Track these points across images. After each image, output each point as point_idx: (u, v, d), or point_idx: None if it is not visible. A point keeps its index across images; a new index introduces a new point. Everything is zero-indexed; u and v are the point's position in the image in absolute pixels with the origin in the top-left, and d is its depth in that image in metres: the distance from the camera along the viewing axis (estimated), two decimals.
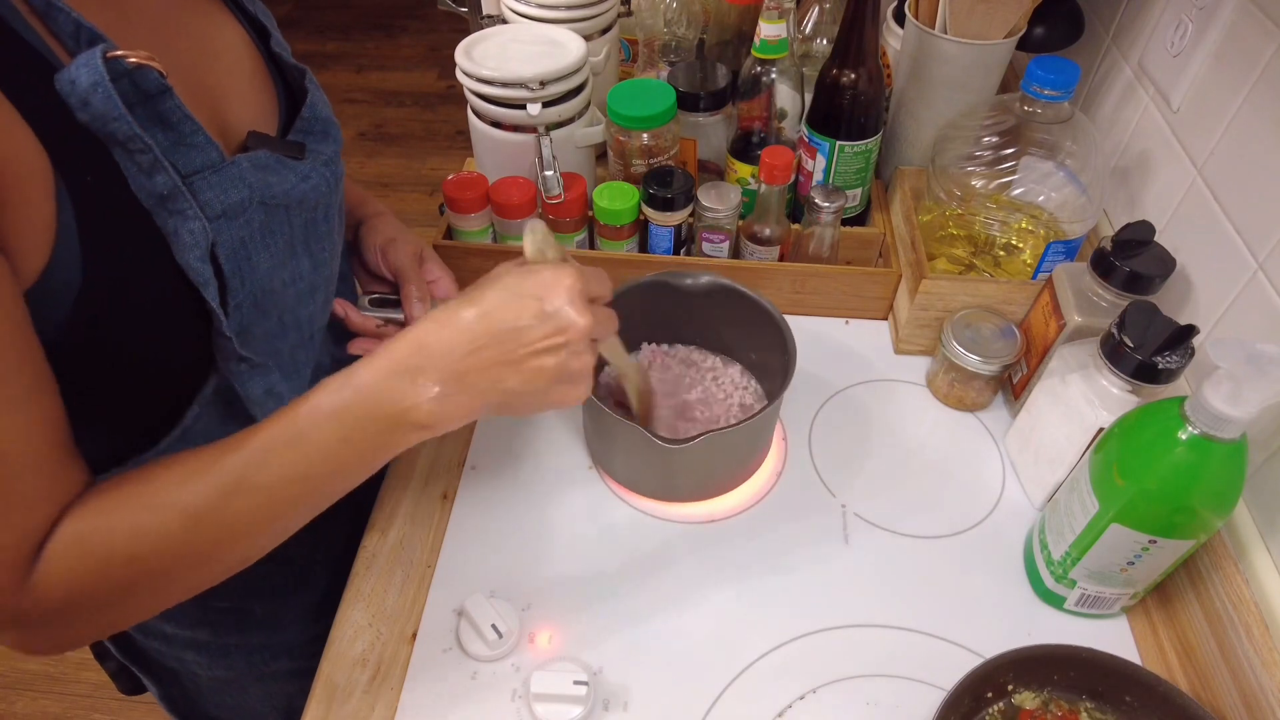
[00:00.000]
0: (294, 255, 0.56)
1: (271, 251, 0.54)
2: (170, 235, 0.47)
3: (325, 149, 0.58)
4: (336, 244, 0.63)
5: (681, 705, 0.60)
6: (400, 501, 0.72)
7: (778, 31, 0.80)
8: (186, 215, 0.47)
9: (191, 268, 0.48)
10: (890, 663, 0.63)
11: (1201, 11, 0.71)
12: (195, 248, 0.48)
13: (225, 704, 0.83)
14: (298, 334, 0.60)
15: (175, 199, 0.47)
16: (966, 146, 0.79)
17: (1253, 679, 0.57)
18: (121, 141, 0.44)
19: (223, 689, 0.81)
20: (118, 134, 0.44)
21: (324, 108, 0.60)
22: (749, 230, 0.85)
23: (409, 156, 2.64)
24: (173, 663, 0.76)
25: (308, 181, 0.55)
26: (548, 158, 0.80)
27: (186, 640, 0.73)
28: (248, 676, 0.78)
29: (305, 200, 0.55)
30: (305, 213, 0.56)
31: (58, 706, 1.49)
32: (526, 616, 0.64)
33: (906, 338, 0.84)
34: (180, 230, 0.47)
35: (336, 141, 0.60)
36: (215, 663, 0.75)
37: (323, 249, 0.60)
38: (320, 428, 0.47)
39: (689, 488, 0.72)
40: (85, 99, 0.42)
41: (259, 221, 0.52)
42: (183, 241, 0.47)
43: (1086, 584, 0.63)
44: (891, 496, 0.73)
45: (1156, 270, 0.67)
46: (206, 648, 0.74)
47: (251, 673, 0.78)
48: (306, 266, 0.58)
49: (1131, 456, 0.57)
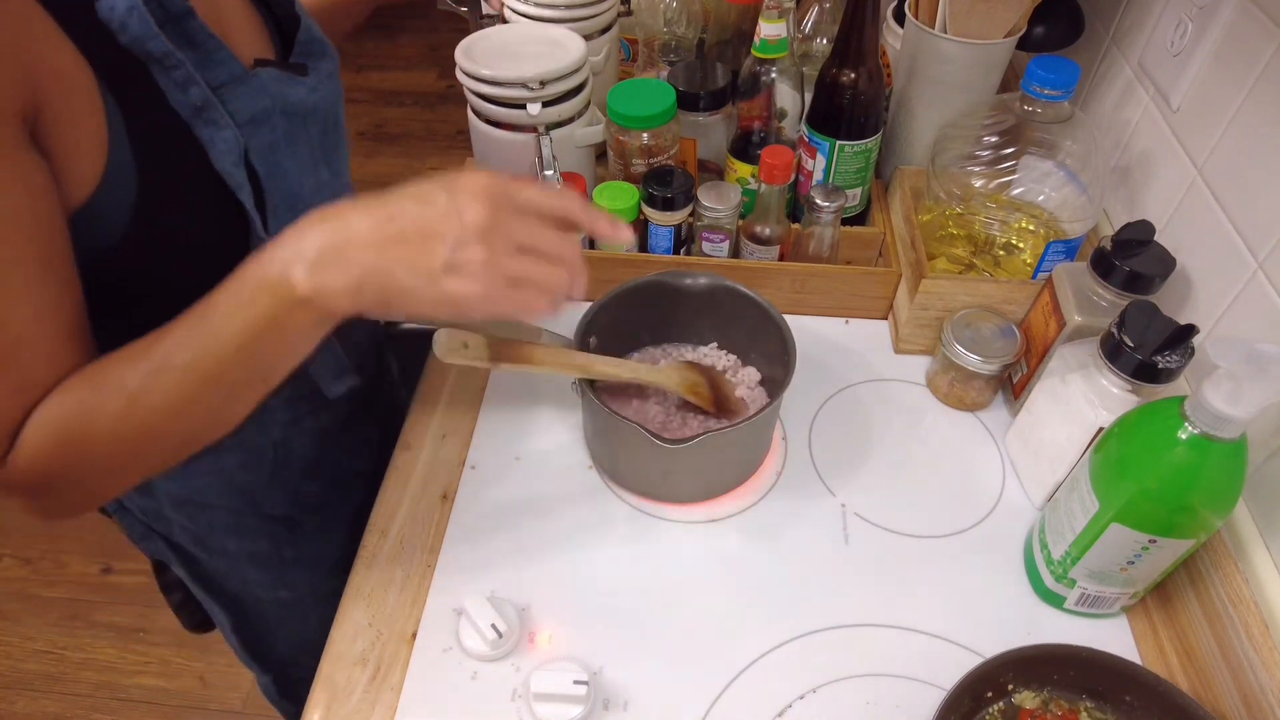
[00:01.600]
0: (315, 164, 0.63)
1: (297, 159, 0.60)
2: (207, 144, 0.53)
3: (325, 65, 0.64)
4: (347, 157, 0.70)
5: (681, 705, 0.60)
6: (400, 501, 0.72)
7: (778, 31, 0.80)
8: (220, 125, 0.53)
9: (227, 173, 0.54)
10: (890, 662, 0.63)
11: (1202, 11, 0.71)
12: (230, 154, 0.54)
13: (290, 636, 0.90)
14: None
15: (208, 110, 0.52)
16: (966, 146, 0.79)
17: (1252, 678, 0.57)
18: (158, 58, 0.49)
19: (286, 616, 0.87)
20: (154, 52, 0.49)
21: (316, 29, 0.66)
22: (749, 230, 0.85)
23: (409, 156, 2.64)
24: (237, 586, 0.83)
25: (317, 93, 0.62)
26: (548, 157, 0.80)
27: (249, 555, 0.79)
28: (307, 599, 0.85)
29: (318, 110, 0.62)
30: (319, 123, 0.63)
31: (58, 706, 1.49)
32: (526, 616, 0.64)
33: (906, 337, 0.84)
34: (215, 139, 0.53)
35: (333, 58, 0.66)
36: (278, 582, 0.83)
37: (337, 159, 0.67)
38: (220, 304, 0.47)
39: (689, 488, 0.72)
40: (124, 23, 0.48)
41: (283, 129, 0.58)
42: (218, 149, 0.53)
43: (1086, 583, 0.63)
44: (891, 496, 0.73)
45: (1156, 270, 0.67)
46: (268, 563, 0.80)
47: (311, 593, 0.85)
48: (326, 175, 0.65)
49: (1131, 456, 0.57)
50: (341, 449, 0.81)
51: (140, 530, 0.77)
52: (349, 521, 0.83)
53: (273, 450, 0.73)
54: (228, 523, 0.76)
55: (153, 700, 1.50)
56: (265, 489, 0.75)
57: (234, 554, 0.79)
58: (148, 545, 0.79)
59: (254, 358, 0.48)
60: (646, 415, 0.75)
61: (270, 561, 0.81)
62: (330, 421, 0.78)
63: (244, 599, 0.85)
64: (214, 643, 1.56)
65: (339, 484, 0.82)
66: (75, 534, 1.73)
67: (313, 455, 0.78)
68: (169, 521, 0.75)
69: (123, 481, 0.53)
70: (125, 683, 1.52)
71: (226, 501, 0.74)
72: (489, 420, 0.79)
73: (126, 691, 1.51)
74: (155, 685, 1.52)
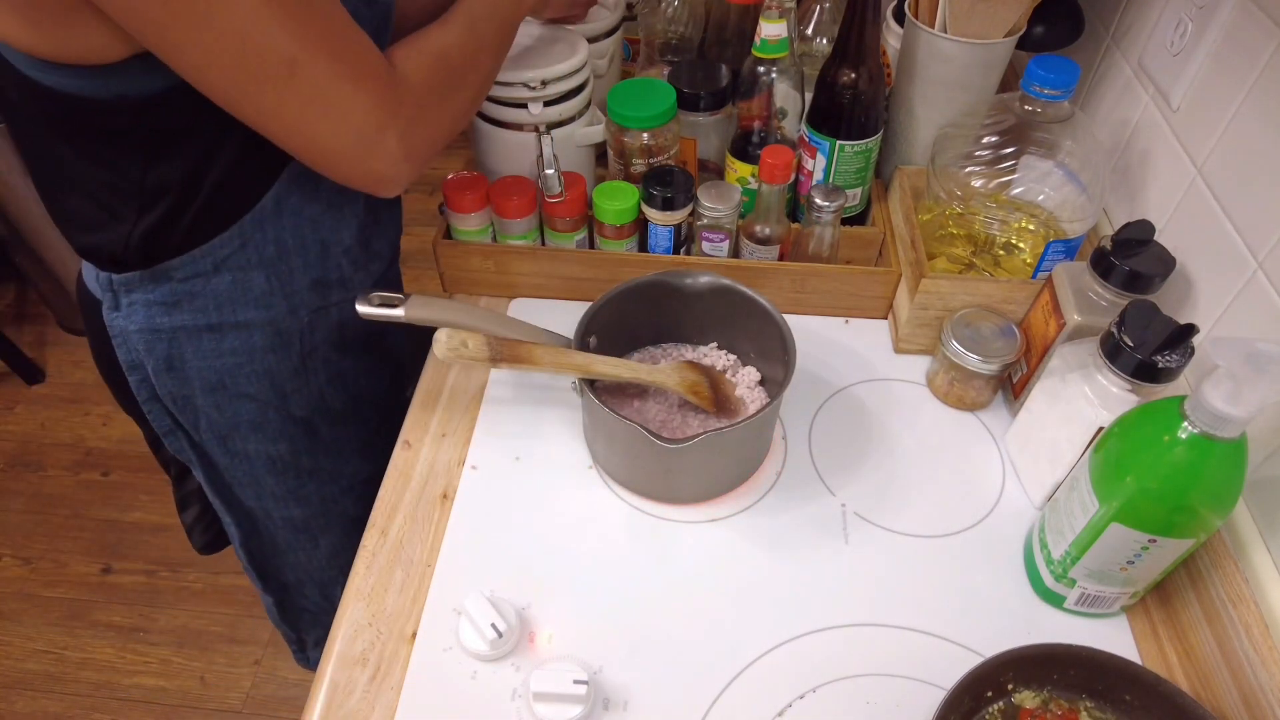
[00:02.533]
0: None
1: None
2: None
3: None
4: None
5: (681, 705, 0.60)
6: (400, 501, 0.72)
7: (778, 31, 0.80)
8: None
9: None
10: (890, 662, 0.63)
11: (1201, 10, 0.71)
12: None
13: (298, 561, 0.94)
14: None
15: None
16: (966, 146, 0.79)
17: (1252, 677, 0.57)
18: None
19: (296, 538, 0.91)
20: None
21: None
22: (749, 230, 0.85)
23: None
24: (251, 499, 0.86)
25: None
26: (549, 156, 0.80)
27: (267, 459, 0.82)
28: (317, 520, 0.90)
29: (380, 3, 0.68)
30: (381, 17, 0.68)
31: (57, 706, 1.49)
32: (526, 616, 0.64)
33: (906, 337, 0.84)
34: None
35: None
36: (290, 495, 0.86)
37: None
38: None
39: (689, 488, 0.72)
40: None
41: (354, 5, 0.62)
42: None
43: (1086, 583, 0.63)
44: (891, 496, 0.73)
45: (1156, 269, 0.67)
46: (285, 471, 0.84)
47: (321, 513, 0.89)
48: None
49: (1131, 456, 0.57)
50: (360, 367, 0.84)
51: (167, 424, 0.79)
52: (361, 445, 0.88)
53: (299, 339, 0.76)
54: (252, 417, 0.78)
55: (152, 700, 1.50)
56: (291, 380, 0.78)
57: (254, 456, 0.81)
58: (172, 442, 0.81)
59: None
60: (646, 415, 0.75)
61: (287, 470, 0.84)
62: (353, 331, 0.80)
63: (256, 514, 0.88)
64: (214, 642, 1.57)
65: (356, 403, 0.85)
66: (75, 534, 1.73)
67: (335, 361, 0.81)
68: (196, 412, 0.77)
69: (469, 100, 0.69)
70: (125, 683, 1.52)
71: (254, 389, 0.76)
72: (489, 420, 0.79)
73: (126, 691, 1.51)
74: (155, 685, 1.52)
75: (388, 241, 0.82)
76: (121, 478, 1.82)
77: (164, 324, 0.70)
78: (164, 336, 0.71)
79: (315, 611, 1.02)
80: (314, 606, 1.01)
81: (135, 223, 0.64)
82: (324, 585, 0.98)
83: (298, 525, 0.90)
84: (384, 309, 0.70)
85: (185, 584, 1.65)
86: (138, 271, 0.67)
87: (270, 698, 1.50)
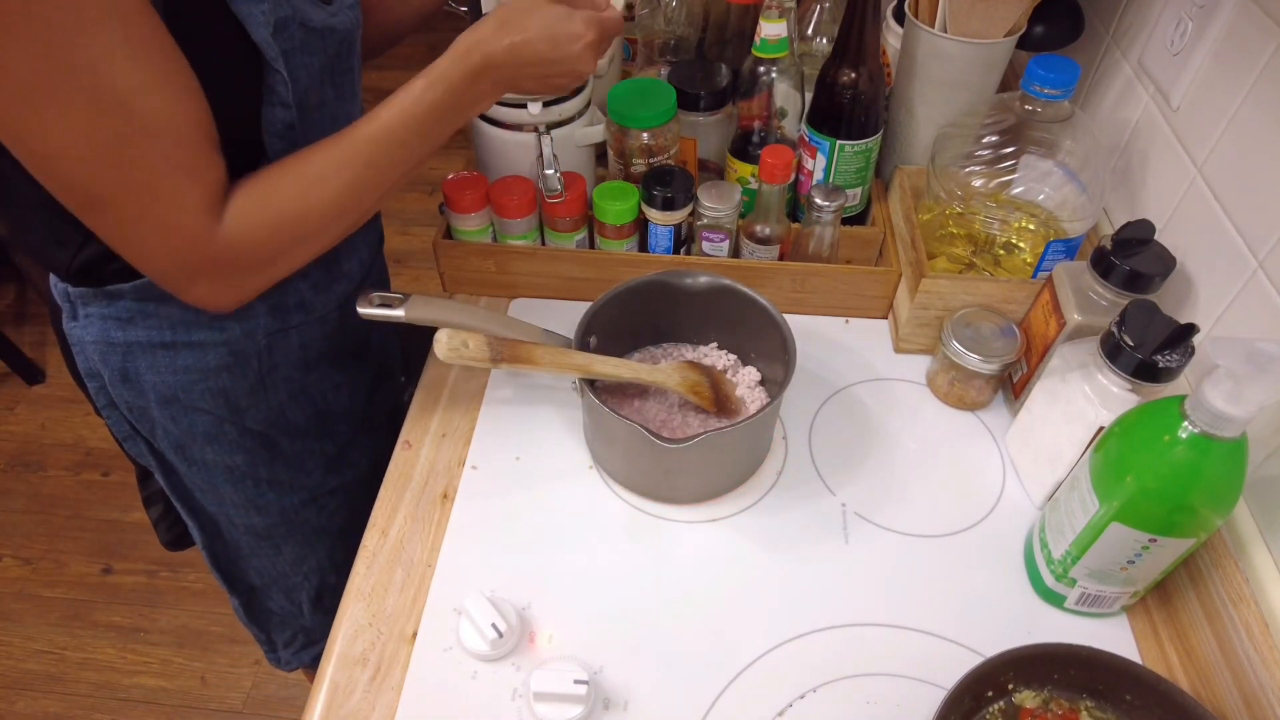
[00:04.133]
0: (323, 81, 0.67)
1: (308, 70, 0.64)
2: (245, 18, 0.56)
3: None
4: (356, 85, 0.74)
5: (681, 705, 0.60)
6: (400, 501, 0.72)
7: (778, 31, 0.80)
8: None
9: (266, 42, 0.58)
10: (890, 662, 0.63)
11: (1202, 10, 0.71)
12: (266, 27, 0.57)
13: (261, 566, 0.93)
14: None
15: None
16: (966, 145, 0.79)
17: (1253, 677, 0.57)
18: None
19: (259, 545, 0.90)
20: None
21: None
22: (749, 229, 0.85)
23: None
24: (213, 505, 0.85)
25: (336, 18, 0.66)
26: (549, 156, 0.80)
27: (225, 470, 0.81)
28: (279, 529, 0.88)
29: (335, 31, 0.66)
30: (334, 44, 0.66)
31: (58, 706, 1.49)
32: (527, 616, 0.64)
33: (906, 337, 0.84)
34: (254, 12, 0.56)
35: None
36: (250, 505, 0.85)
37: (345, 84, 0.71)
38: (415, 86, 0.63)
39: (689, 488, 0.72)
40: None
41: (300, 39, 0.61)
42: (256, 20, 0.57)
43: (1087, 583, 0.63)
44: (891, 495, 0.73)
45: (1156, 269, 0.67)
46: (242, 481, 0.83)
47: (283, 523, 0.88)
48: (331, 94, 0.68)
49: (1132, 455, 0.57)
50: (329, 383, 0.83)
51: (125, 430, 0.78)
52: (328, 459, 0.87)
53: (257, 359, 0.74)
54: (208, 430, 0.77)
55: (153, 700, 1.50)
56: (247, 398, 0.76)
57: (211, 465, 0.80)
58: (131, 446, 0.80)
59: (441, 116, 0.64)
60: (646, 415, 0.75)
61: (245, 480, 0.82)
62: (317, 350, 0.79)
63: (218, 519, 0.87)
64: (214, 643, 1.57)
65: (322, 417, 0.84)
66: (75, 534, 1.73)
67: (297, 379, 0.79)
68: (153, 422, 0.76)
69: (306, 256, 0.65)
70: (125, 683, 1.52)
71: (208, 405, 0.75)
72: (489, 420, 0.79)
73: (126, 691, 1.51)
74: (155, 685, 1.52)
75: (360, 260, 0.81)
76: (122, 478, 1.82)
77: (118, 338, 0.69)
78: (118, 350, 0.70)
79: (282, 614, 1.00)
80: (280, 609, 0.99)
81: (79, 248, 0.63)
82: (289, 590, 0.96)
83: (259, 533, 0.88)
84: (384, 309, 0.70)
85: (185, 584, 1.65)
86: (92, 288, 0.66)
87: (270, 698, 1.50)
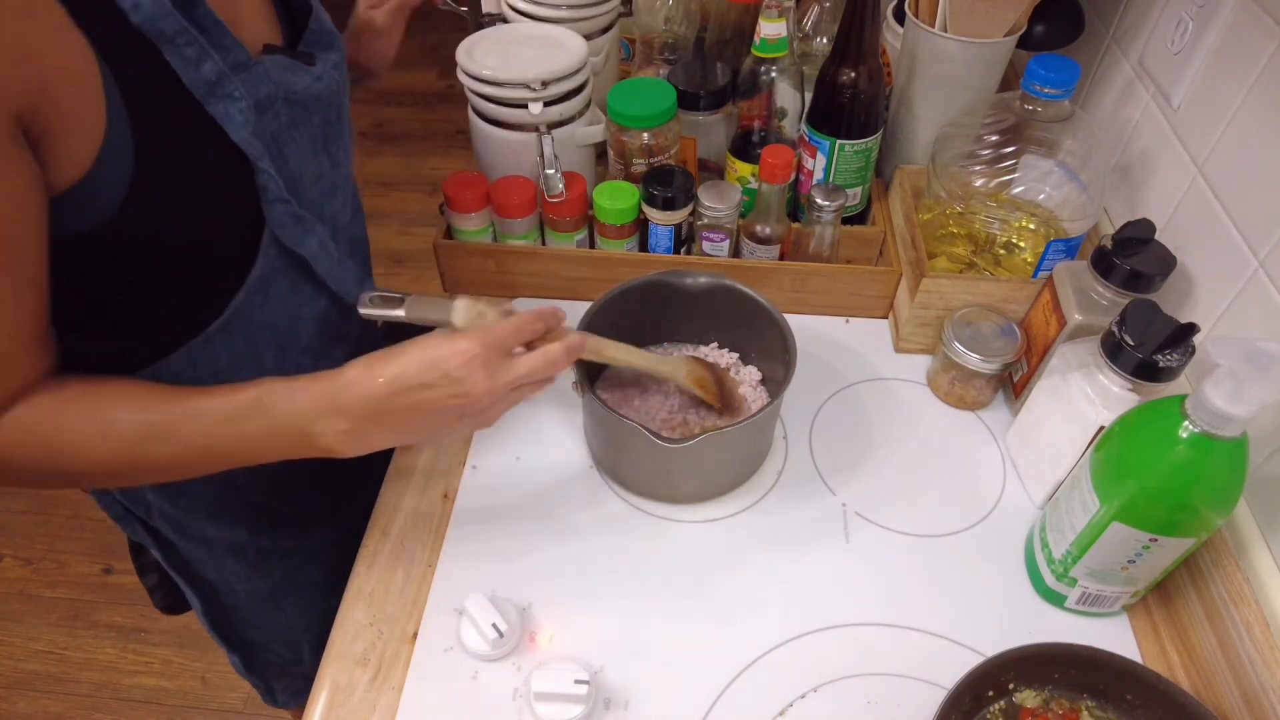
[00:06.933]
0: (316, 152, 0.63)
1: (298, 145, 0.60)
2: (223, 118, 0.53)
3: (332, 55, 0.64)
4: (349, 146, 0.70)
5: (682, 704, 0.60)
6: (401, 501, 0.72)
7: (778, 30, 0.80)
8: (235, 97, 0.53)
9: (247, 142, 0.54)
10: (891, 661, 0.63)
11: (1202, 9, 0.71)
12: (246, 125, 0.54)
13: (263, 624, 0.90)
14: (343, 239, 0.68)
15: (223, 83, 0.52)
16: (967, 145, 0.79)
17: (1254, 677, 0.57)
18: (170, 37, 0.49)
19: (260, 606, 0.87)
20: (167, 30, 0.49)
21: (326, 20, 0.66)
22: (749, 229, 0.85)
23: (409, 156, 2.63)
24: (213, 574, 0.82)
25: (321, 82, 0.61)
26: (549, 156, 0.80)
27: (226, 543, 0.78)
28: (283, 588, 0.85)
29: (321, 98, 0.61)
30: (322, 111, 0.62)
31: (59, 706, 1.49)
32: (527, 616, 0.64)
33: (907, 336, 0.84)
34: (231, 111, 0.53)
35: (340, 50, 0.66)
36: (253, 572, 0.82)
37: (338, 149, 0.66)
38: (247, 419, 0.55)
39: (689, 487, 0.72)
40: (137, 2, 0.47)
41: (285, 115, 0.58)
42: (234, 120, 0.53)
43: (1087, 582, 0.63)
44: (892, 495, 0.73)
45: (1157, 268, 0.67)
46: (244, 552, 0.80)
47: (286, 583, 0.85)
48: (326, 165, 0.64)
49: (1132, 455, 0.57)
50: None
51: (118, 511, 0.77)
52: (328, 516, 0.84)
53: None
54: (208, 508, 0.75)
55: (153, 700, 1.50)
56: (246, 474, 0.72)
57: (212, 540, 0.78)
58: (126, 526, 0.79)
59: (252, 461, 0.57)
60: (647, 415, 0.75)
61: (247, 550, 0.80)
62: None
63: (219, 586, 0.84)
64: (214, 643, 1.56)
65: (319, 477, 0.81)
66: (76, 534, 1.73)
67: None
68: (148, 505, 0.75)
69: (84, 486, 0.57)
70: (126, 683, 1.52)
71: (207, 487, 0.73)
72: None
73: (127, 691, 1.51)
74: (156, 685, 1.52)
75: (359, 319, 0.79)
76: None
77: None
78: None
79: (281, 663, 0.97)
80: (280, 659, 0.96)
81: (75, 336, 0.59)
82: (290, 641, 0.93)
83: (261, 595, 0.85)
84: (384, 309, 0.70)
85: None
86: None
87: None
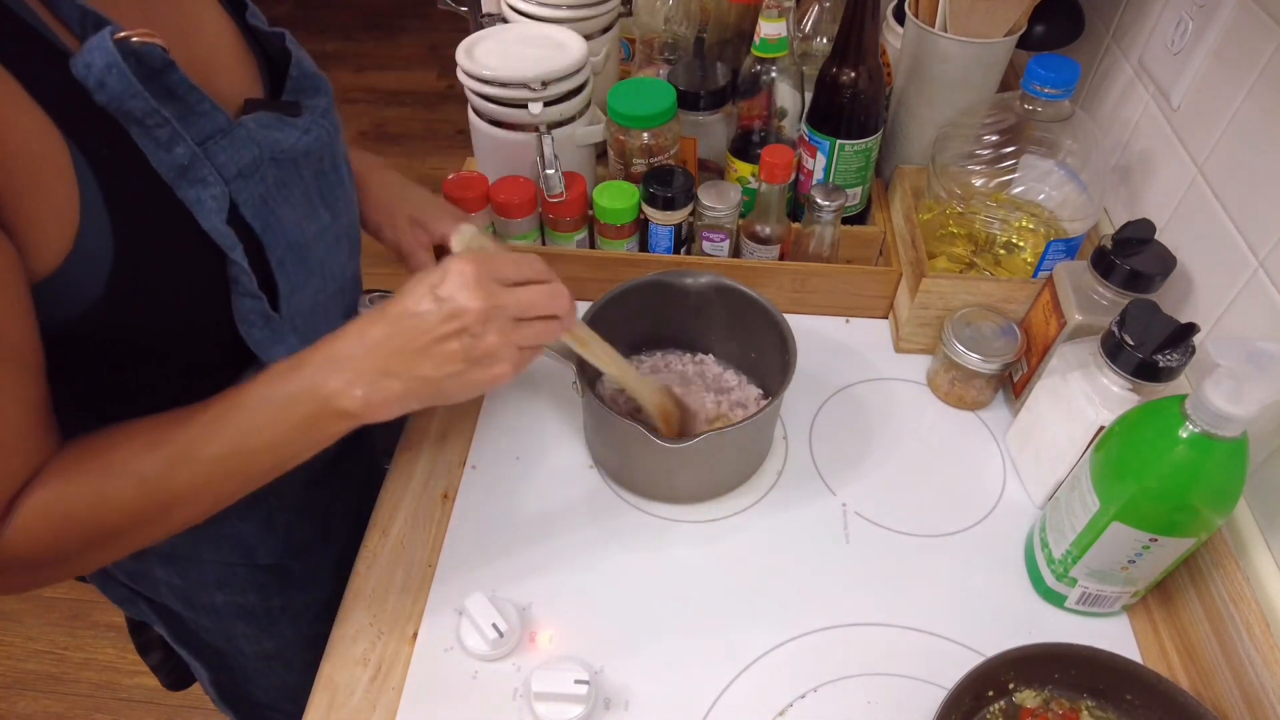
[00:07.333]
0: (313, 207, 0.59)
1: (293, 204, 0.56)
2: (193, 205, 0.49)
3: (319, 102, 0.60)
4: (350, 193, 0.65)
5: (682, 704, 0.60)
6: (401, 501, 0.72)
7: (778, 30, 0.80)
8: (208, 182, 0.49)
9: (218, 231, 0.50)
10: (891, 661, 0.63)
11: (1202, 9, 0.71)
12: (219, 212, 0.50)
13: (273, 685, 0.86)
14: (335, 284, 0.64)
15: (195, 168, 0.49)
16: (967, 145, 0.79)
17: (1254, 677, 0.57)
18: (139, 119, 0.46)
19: (270, 667, 0.84)
20: (135, 111, 0.45)
21: (309, 64, 0.62)
22: (749, 229, 0.85)
23: (409, 156, 2.63)
24: (221, 641, 0.79)
25: (309, 134, 0.57)
26: (549, 156, 0.80)
27: (236, 608, 0.76)
28: (294, 646, 0.82)
29: (311, 152, 0.58)
30: (313, 164, 0.58)
31: (59, 706, 1.49)
32: (527, 616, 0.64)
33: (907, 336, 0.84)
34: (203, 198, 0.49)
35: (327, 94, 0.62)
36: (263, 634, 0.79)
37: (337, 199, 0.62)
38: (258, 409, 0.50)
39: (689, 487, 0.72)
40: (102, 80, 0.44)
41: (273, 177, 0.54)
42: (207, 208, 0.50)
43: (1087, 582, 0.63)
44: (892, 495, 0.73)
45: (1157, 268, 0.67)
46: (254, 615, 0.77)
47: (298, 640, 0.81)
48: (327, 218, 0.61)
49: (1132, 455, 0.56)
50: (332, 490, 0.79)
51: (122, 594, 0.75)
52: (335, 563, 0.80)
53: (266, 499, 0.68)
54: (218, 577, 0.73)
55: (153, 700, 1.50)
56: (257, 536, 0.73)
57: (221, 608, 0.76)
58: (130, 609, 0.77)
59: (282, 454, 0.52)
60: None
61: (257, 613, 0.78)
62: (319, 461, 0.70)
63: (227, 652, 0.82)
64: None
65: (327, 525, 0.80)
66: None
67: (302, 499, 0.75)
68: (155, 581, 0.72)
69: (116, 557, 0.54)
70: (126, 683, 1.52)
71: (217, 555, 0.71)
72: (489, 420, 0.78)
73: (127, 691, 1.51)
74: (156, 685, 1.50)
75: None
76: None
77: None
78: None
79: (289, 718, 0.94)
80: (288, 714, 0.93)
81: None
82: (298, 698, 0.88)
83: (269, 655, 0.83)
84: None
85: None
86: None
87: None
